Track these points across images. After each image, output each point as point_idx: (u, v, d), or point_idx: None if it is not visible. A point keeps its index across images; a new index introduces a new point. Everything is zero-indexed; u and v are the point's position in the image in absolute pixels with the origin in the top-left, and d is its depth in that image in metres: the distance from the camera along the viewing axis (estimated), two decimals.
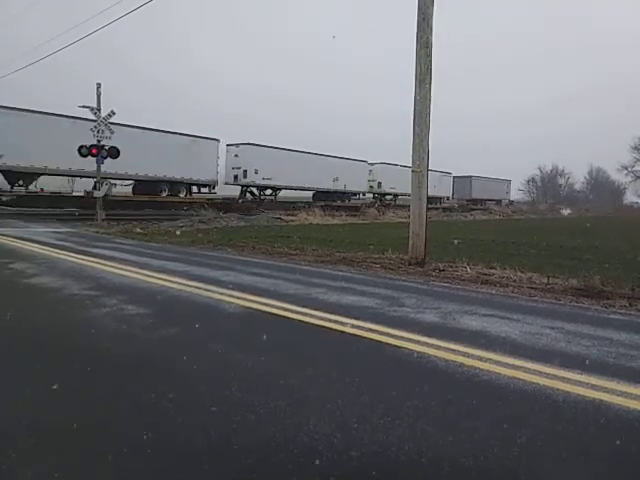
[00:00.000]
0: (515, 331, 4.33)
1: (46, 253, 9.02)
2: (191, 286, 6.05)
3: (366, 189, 41.00)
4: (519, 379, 3.14)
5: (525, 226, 24.41)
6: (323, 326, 4.35)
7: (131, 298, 5.35)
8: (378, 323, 4.43)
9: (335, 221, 23.37)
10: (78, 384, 3.01)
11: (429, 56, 8.37)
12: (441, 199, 48.56)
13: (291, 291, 6.00)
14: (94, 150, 17.35)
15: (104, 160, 17.81)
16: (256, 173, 30.79)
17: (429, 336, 4.03)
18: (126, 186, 26.65)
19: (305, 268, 8.24)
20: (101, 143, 17.40)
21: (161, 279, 6.49)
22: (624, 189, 79.28)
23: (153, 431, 2.37)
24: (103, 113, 17.43)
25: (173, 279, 6.50)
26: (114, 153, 17.79)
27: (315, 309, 4.92)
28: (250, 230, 16.22)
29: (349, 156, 38.56)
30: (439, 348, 3.74)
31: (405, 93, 9.17)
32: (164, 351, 3.63)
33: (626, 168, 71.07)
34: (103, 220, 17.56)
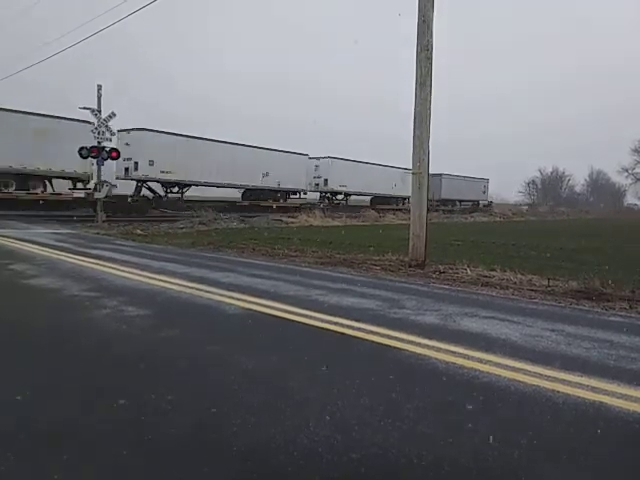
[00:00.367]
0: (515, 333, 4.33)
1: (46, 254, 9.03)
2: (191, 287, 6.05)
3: (308, 187, 35.62)
4: (519, 381, 3.14)
5: (525, 228, 24.42)
6: (323, 328, 4.34)
7: (131, 299, 5.35)
8: (378, 325, 4.43)
9: (335, 223, 23.43)
10: (78, 385, 3.00)
11: (430, 59, 8.38)
12: (404, 199, 42.93)
13: (291, 293, 6.00)
14: (94, 151, 17.40)
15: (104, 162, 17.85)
16: (151, 165, 25.14)
17: (429, 338, 4.03)
18: None
19: (305, 270, 8.24)
20: (102, 145, 17.45)
21: (161, 280, 6.49)
22: (624, 191, 79.52)
23: (153, 432, 2.37)
24: (103, 114, 17.49)
25: (173, 280, 6.50)
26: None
27: (315, 311, 4.92)
28: (250, 232, 16.23)
29: (290, 149, 33.19)
30: (439, 350, 3.74)
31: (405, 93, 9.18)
32: (164, 352, 3.63)
33: (626, 170, 71.27)
34: (103, 221, 17.59)
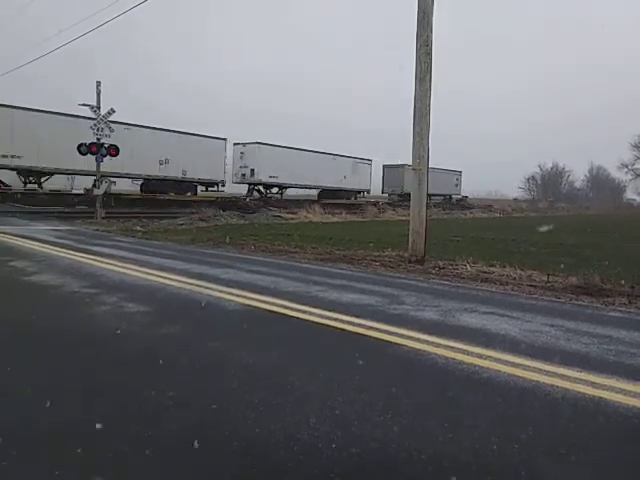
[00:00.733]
0: (515, 329, 4.33)
1: (46, 251, 9.02)
2: (191, 284, 6.06)
3: (234, 177, 30.51)
4: (519, 376, 3.15)
5: (525, 224, 24.41)
6: (323, 324, 4.35)
7: (131, 296, 5.35)
8: (378, 321, 4.43)
9: (335, 219, 23.42)
10: (78, 382, 3.01)
11: (429, 54, 8.35)
12: (358, 192, 37.76)
13: (291, 289, 6.00)
14: (94, 148, 17.37)
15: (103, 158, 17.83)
16: None
17: (429, 334, 4.03)
18: None
19: (305, 266, 8.25)
20: (101, 141, 17.42)
21: (161, 277, 6.49)
22: (624, 187, 79.43)
23: (154, 428, 2.38)
24: (103, 111, 17.45)
25: (173, 277, 6.50)
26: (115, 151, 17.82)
27: (315, 307, 4.92)
28: (250, 228, 16.23)
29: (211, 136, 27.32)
30: (439, 346, 3.74)
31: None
32: (164, 348, 3.63)
33: (626, 166, 71.11)
34: (103, 218, 17.57)
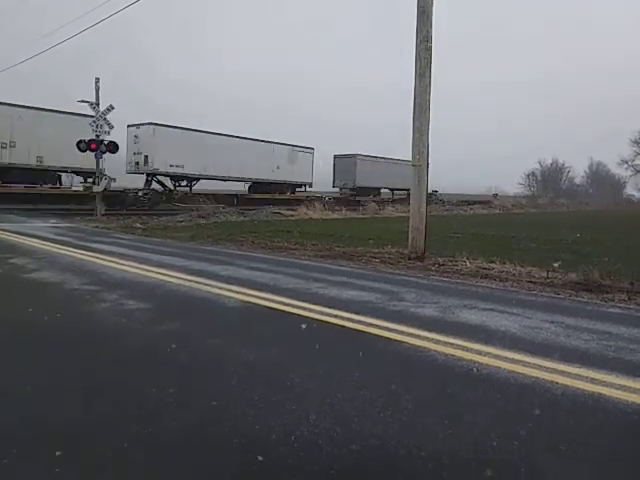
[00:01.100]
0: (514, 325, 4.34)
1: (46, 248, 9.02)
2: (191, 281, 6.06)
3: (128, 166, 25.42)
4: (518, 373, 3.15)
5: (525, 220, 24.39)
6: (323, 320, 4.35)
7: (131, 293, 5.35)
8: (378, 317, 4.43)
9: (335, 215, 23.40)
10: (78, 380, 3.01)
11: (429, 50, 8.33)
12: (295, 187, 32.85)
13: (290, 285, 6.01)
14: (93, 145, 17.34)
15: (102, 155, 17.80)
16: None
17: (429, 330, 4.04)
18: None
19: (305, 263, 8.25)
20: (100, 138, 17.39)
21: (161, 274, 6.49)
22: (624, 183, 79.34)
23: (154, 425, 2.38)
24: (102, 107, 17.41)
25: (173, 274, 6.50)
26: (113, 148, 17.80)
27: (315, 303, 4.92)
28: (249, 225, 16.22)
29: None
30: (439, 342, 3.75)
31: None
32: (164, 345, 3.63)
33: (626, 162, 71.01)
34: (103, 215, 17.56)
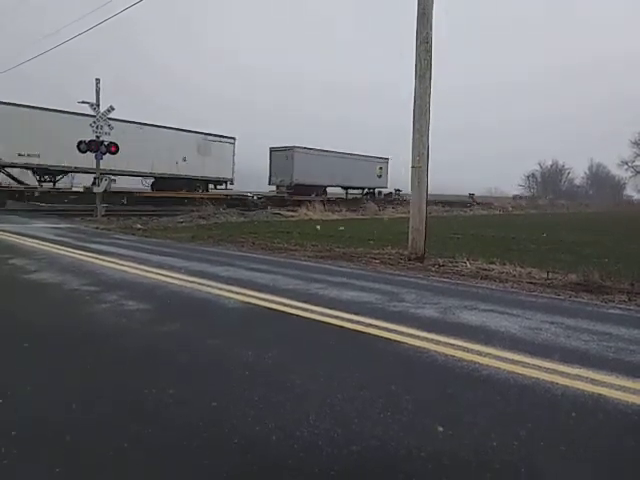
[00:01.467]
0: (515, 326, 4.34)
1: (46, 249, 9.02)
2: (191, 282, 6.06)
3: None
4: (518, 374, 3.15)
5: (525, 221, 24.40)
6: (323, 321, 4.35)
7: (131, 294, 5.35)
8: (378, 318, 4.43)
9: (335, 216, 23.43)
10: (78, 380, 3.01)
11: (429, 52, 8.34)
12: (207, 183, 27.48)
13: (291, 286, 6.01)
14: (94, 146, 17.34)
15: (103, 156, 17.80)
16: None
17: (429, 331, 4.04)
18: None
19: (305, 264, 8.25)
20: (100, 139, 17.40)
21: (161, 275, 6.49)
22: (624, 184, 79.40)
23: (154, 425, 2.38)
24: (102, 108, 17.42)
25: (173, 275, 6.50)
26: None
27: (315, 304, 4.92)
28: (250, 226, 16.22)
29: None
30: (439, 343, 3.75)
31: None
32: (164, 346, 3.63)
33: (626, 163, 71.07)
34: (103, 216, 17.56)
